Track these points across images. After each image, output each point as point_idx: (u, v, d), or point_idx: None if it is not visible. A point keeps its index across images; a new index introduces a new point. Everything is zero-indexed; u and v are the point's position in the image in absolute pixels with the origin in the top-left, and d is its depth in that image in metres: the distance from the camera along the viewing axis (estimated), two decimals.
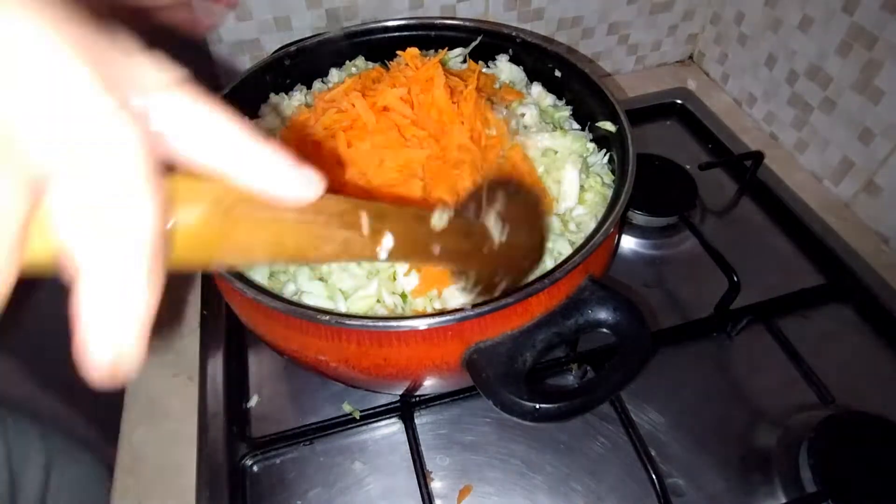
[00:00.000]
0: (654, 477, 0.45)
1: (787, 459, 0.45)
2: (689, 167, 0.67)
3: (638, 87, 0.83)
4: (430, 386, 0.45)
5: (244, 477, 0.48)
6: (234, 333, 0.56)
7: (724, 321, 0.55)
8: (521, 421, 0.35)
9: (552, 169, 0.48)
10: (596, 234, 0.40)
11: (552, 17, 0.75)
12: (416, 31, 0.58)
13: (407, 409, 0.50)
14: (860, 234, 0.63)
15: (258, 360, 0.56)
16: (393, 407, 0.50)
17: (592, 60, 0.83)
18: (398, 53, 0.55)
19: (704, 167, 0.67)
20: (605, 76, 0.85)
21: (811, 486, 0.43)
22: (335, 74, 0.58)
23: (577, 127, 0.54)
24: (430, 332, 0.36)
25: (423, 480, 0.46)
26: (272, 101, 0.55)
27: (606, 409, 0.50)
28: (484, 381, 0.36)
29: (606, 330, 0.38)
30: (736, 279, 0.52)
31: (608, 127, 0.50)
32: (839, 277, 0.59)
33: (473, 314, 0.35)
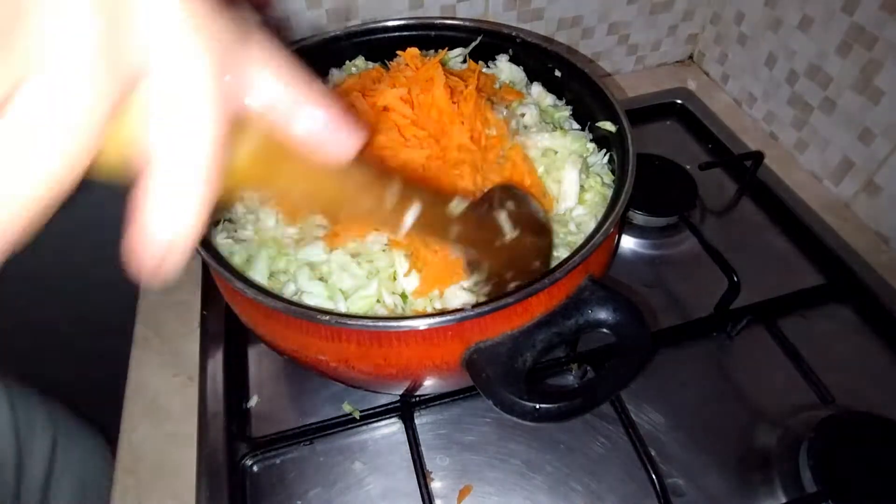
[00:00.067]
0: (654, 477, 0.45)
1: (787, 459, 0.45)
2: (689, 167, 0.67)
3: (638, 87, 0.83)
4: (430, 386, 0.45)
5: (244, 477, 0.48)
6: (234, 333, 0.56)
7: (723, 321, 0.55)
8: (521, 421, 0.35)
9: (552, 169, 0.48)
10: (596, 234, 0.39)
11: (552, 17, 0.75)
12: (416, 31, 0.58)
13: (407, 409, 0.50)
14: (860, 234, 0.63)
15: (258, 360, 0.56)
16: (393, 407, 0.50)
17: (592, 60, 0.82)
18: (398, 53, 0.55)
19: (704, 167, 0.67)
20: (605, 76, 0.85)
21: (811, 486, 0.43)
22: (335, 74, 0.58)
23: (577, 127, 0.54)
24: (429, 332, 0.36)
25: (423, 480, 0.46)
26: None
27: (606, 409, 0.50)
28: (484, 381, 0.36)
29: (606, 330, 0.38)
30: (736, 279, 0.52)
31: (608, 127, 0.50)
32: (839, 277, 0.59)
33: (473, 314, 0.35)
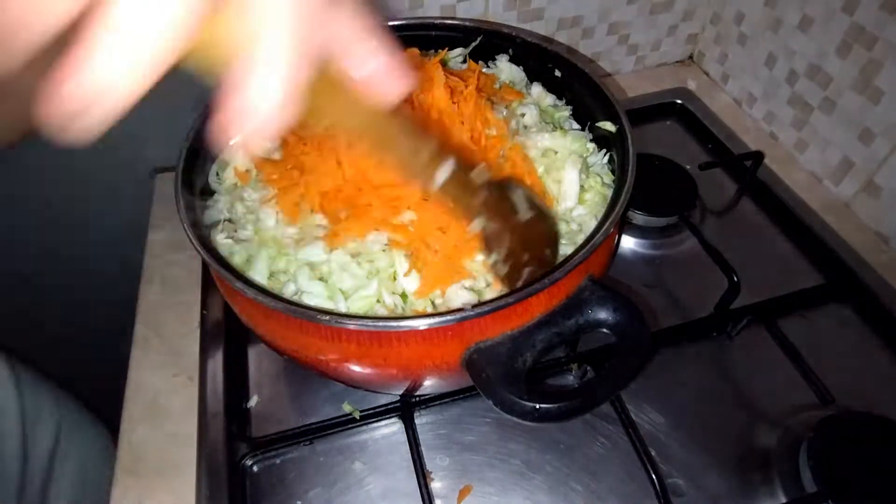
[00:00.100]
0: (654, 477, 0.45)
1: (787, 459, 0.45)
2: (689, 167, 0.67)
3: (638, 87, 0.83)
4: (430, 386, 0.44)
5: (244, 477, 0.48)
6: (234, 333, 0.56)
7: (723, 321, 0.55)
8: (521, 421, 0.35)
9: (552, 169, 0.48)
10: (596, 234, 0.39)
11: (552, 17, 0.75)
12: (416, 31, 0.58)
13: (407, 409, 0.50)
14: (860, 234, 0.63)
15: (258, 360, 0.56)
16: (393, 407, 0.50)
17: (592, 60, 0.82)
18: None
19: (704, 167, 0.67)
20: (605, 76, 0.85)
21: (811, 486, 0.43)
22: None
23: (577, 127, 0.54)
24: (429, 332, 0.36)
25: (423, 480, 0.46)
26: None
27: (606, 409, 0.50)
28: (484, 381, 0.36)
29: (606, 330, 0.38)
30: (736, 279, 0.52)
31: (608, 127, 0.50)
32: (839, 277, 0.59)
33: (473, 314, 0.35)
